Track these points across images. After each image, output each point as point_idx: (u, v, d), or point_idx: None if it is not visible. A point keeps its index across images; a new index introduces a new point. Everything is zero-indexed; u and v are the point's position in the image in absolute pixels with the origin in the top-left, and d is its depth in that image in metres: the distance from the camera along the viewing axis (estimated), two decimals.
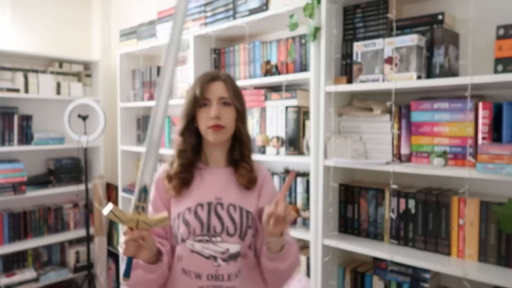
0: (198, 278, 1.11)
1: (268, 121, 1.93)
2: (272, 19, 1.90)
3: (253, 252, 1.19)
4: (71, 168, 3.09)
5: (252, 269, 1.17)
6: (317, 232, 1.68)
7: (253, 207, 1.18)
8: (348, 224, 1.72)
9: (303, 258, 1.81)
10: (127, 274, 0.98)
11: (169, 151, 2.46)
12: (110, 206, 0.95)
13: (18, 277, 2.76)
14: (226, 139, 1.19)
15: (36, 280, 2.82)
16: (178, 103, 2.39)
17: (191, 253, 1.12)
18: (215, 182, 1.18)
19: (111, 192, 3.22)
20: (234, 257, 1.12)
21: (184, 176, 1.17)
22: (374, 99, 1.69)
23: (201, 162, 1.22)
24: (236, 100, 1.18)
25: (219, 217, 1.13)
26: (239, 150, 1.21)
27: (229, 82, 1.18)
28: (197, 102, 1.16)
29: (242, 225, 1.13)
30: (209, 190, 1.17)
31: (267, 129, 1.93)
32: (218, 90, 1.16)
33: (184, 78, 2.40)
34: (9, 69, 2.80)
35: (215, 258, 1.11)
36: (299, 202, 1.85)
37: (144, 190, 1.00)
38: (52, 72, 3.01)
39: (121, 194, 2.86)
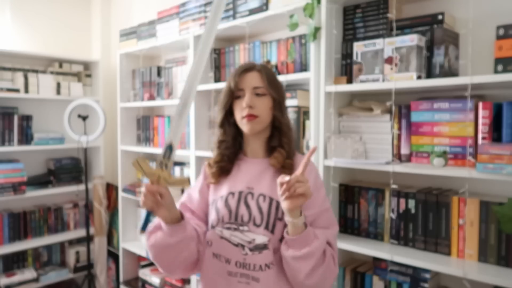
0: (227, 262, 1.13)
1: None
2: (272, 19, 1.90)
3: None
4: (71, 168, 3.09)
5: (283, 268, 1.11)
6: None
7: None
8: (348, 224, 1.72)
9: None
10: (143, 227, 1.06)
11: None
12: (139, 157, 1.01)
13: (18, 277, 2.76)
14: (261, 129, 1.17)
15: (36, 280, 2.82)
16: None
17: (221, 239, 1.14)
18: (249, 172, 1.18)
19: (111, 192, 3.22)
20: (259, 248, 1.09)
21: (223, 165, 1.20)
22: (374, 99, 1.69)
23: (242, 153, 1.24)
24: (271, 89, 1.15)
25: (247, 206, 1.13)
26: (277, 139, 1.18)
27: (264, 72, 1.17)
28: (232, 94, 1.17)
29: (270, 216, 1.10)
30: (242, 179, 1.18)
31: None
32: (251, 80, 1.16)
33: (184, 78, 2.40)
34: (9, 69, 2.80)
35: (243, 246, 1.11)
36: None
37: (170, 148, 1.07)
38: (52, 72, 3.01)
39: (121, 194, 2.86)
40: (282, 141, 1.17)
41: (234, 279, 1.12)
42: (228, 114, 1.20)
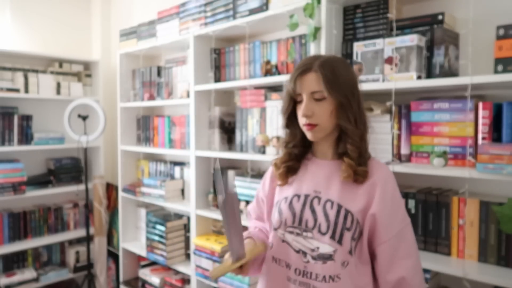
0: (287, 267, 1.09)
1: (268, 121, 1.93)
2: (272, 19, 1.90)
3: (358, 261, 1.05)
4: (71, 168, 3.09)
5: (356, 282, 1.03)
6: None
7: (357, 206, 1.04)
8: None
9: None
10: None
11: (168, 152, 2.46)
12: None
13: (18, 277, 2.76)
14: (325, 135, 1.09)
15: (36, 280, 2.82)
16: (178, 103, 2.40)
17: (282, 243, 1.10)
18: (317, 174, 1.11)
19: (111, 192, 3.22)
20: (323, 258, 1.03)
21: (289, 165, 1.14)
22: (374, 99, 1.69)
23: (310, 153, 1.17)
24: (332, 91, 1.02)
25: (313, 211, 1.06)
26: (344, 144, 1.08)
27: (323, 72, 1.03)
28: (292, 98, 1.09)
29: (337, 225, 1.02)
30: (310, 182, 1.11)
31: (267, 129, 1.93)
32: (308, 84, 1.05)
33: (184, 78, 2.40)
34: (9, 69, 2.80)
35: (304, 253, 1.06)
36: None
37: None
38: (52, 72, 3.01)
39: (121, 194, 2.86)
40: (348, 149, 1.06)
41: (293, 286, 1.07)
42: (292, 116, 1.12)
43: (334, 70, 1.04)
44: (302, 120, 1.08)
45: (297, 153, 1.16)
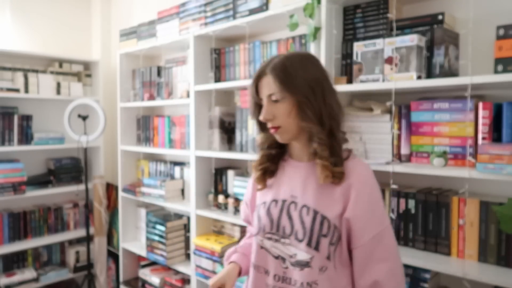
0: (266, 274, 1.09)
1: None
2: (272, 19, 1.90)
3: (337, 264, 1.04)
4: (71, 168, 3.09)
5: (335, 284, 1.03)
6: None
7: (334, 211, 1.02)
8: None
9: None
10: None
11: (168, 152, 2.46)
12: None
13: (18, 277, 2.76)
14: (292, 136, 1.06)
15: (36, 280, 2.82)
16: (178, 103, 2.40)
17: (260, 249, 1.10)
18: (294, 178, 1.09)
19: (111, 192, 3.22)
20: (300, 264, 1.02)
21: (265, 166, 1.13)
22: (374, 99, 1.69)
23: (287, 154, 1.16)
24: (286, 91, 1.00)
25: (290, 217, 1.05)
26: (313, 143, 1.04)
27: (274, 73, 1.01)
28: (256, 103, 1.09)
29: (313, 231, 1.01)
30: (286, 186, 1.10)
31: None
32: (264, 87, 1.05)
33: (184, 78, 2.40)
34: (9, 69, 2.80)
35: (283, 259, 1.05)
36: None
37: None
38: (52, 72, 3.01)
39: (121, 194, 2.86)
40: (316, 148, 1.03)
41: None
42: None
43: (287, 69, 1.01)
44: (267, 124, 1.07)
45: (274, 154, 1.14)
